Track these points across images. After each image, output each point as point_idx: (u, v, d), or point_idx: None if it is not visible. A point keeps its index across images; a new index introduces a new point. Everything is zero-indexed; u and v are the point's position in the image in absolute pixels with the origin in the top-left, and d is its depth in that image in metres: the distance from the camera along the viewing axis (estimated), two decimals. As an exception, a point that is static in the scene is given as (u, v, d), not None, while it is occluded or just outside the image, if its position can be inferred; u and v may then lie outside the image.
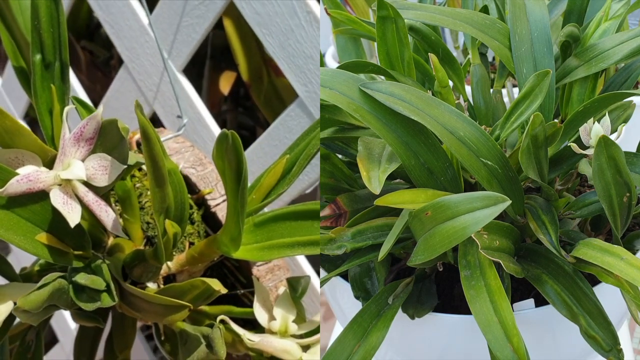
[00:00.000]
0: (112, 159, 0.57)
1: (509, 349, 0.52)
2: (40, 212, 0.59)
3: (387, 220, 0.61)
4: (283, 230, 0.63)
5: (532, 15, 0.66)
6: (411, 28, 0.71)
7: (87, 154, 0.58)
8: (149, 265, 0.64)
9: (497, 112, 0.71)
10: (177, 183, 0.64)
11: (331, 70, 0.59)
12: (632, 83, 0.68)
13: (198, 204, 0.78)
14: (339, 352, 0.59)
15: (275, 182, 0.65)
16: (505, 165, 0.58)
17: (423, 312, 0.62)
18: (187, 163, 0.79)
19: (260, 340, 0.64)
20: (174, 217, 0.63)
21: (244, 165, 0.58)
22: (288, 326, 0.66)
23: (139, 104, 0.56)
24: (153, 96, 0.91)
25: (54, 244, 0.60)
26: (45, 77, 0.67)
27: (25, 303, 0.55)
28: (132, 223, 0.67)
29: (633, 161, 0.60)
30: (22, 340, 0.69)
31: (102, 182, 0.58)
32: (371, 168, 0.58)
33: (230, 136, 0.57)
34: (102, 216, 0.59)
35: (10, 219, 0.57)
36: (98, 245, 0.66)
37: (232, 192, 0.61)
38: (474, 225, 0.51)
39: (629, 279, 0.52)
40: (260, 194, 0.65)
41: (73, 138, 0.57)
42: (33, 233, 0.58)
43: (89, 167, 0.57)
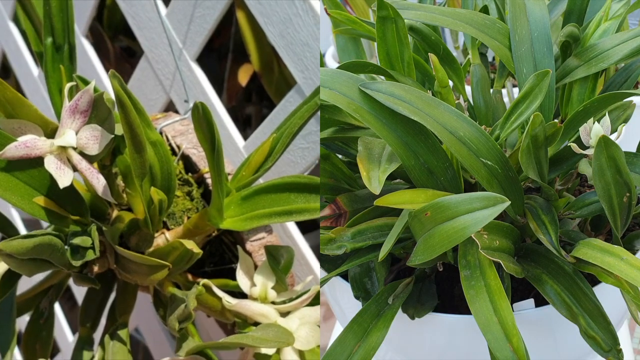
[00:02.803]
0: (102, 130, 0.62)
1: (509, 349, 0.52)
2: (38, 177, 0.63)
3: (387, 220, 0.61)
4: (264, 202, 0.68)
5: (532, 15, 0.66)
6: (411, 28, 0.71)
7: (82, 125, 0.62)
8: (143, 234, 0.68)
9: (497, 112, 0.71)
10: (163, 154, 0.67)
11: (331, 70, 0.59)
12: (632, 83, 0.68)
13: (198, 183, 0.82)
14: (339, 352, 0.59)
15: (263, 160, 0.70)
16: (505, 165, 0.58)
17: (423, 312, 0.62)
18: (189, 144, 0.83)
19: (237, 302, 0.67)
20: (160, 186, 0.67)
21: (216, 134, 0.63)
22: (267, 293, 0.69)
23: (114, 73, 0.59)
24: (169, 84, 0.96)
25: (52, 208, 0.64)
26: (55, 59, 0.71)
27: (7, 247, 0.58)
28: (133, 197, 0.69)
29: (633, 161, 0.60)
30: (36, 308, 0.74)
31: (93, 151, 0.62)
32: (371, 168, 0.58)
33: (200, 107, 0.62)
34: (93, 182, 0.63)
35: (9, 180, 0.61)
36: (102, 217, 0.70)
37: (210, 162, 0.66)
38: (474, 225, 0.51)
39: (629, 279, 0.52)
40: (249, 171, 0.70)
41: (69, 110, 0.61)
42: (31, 195, 0.63)
43: (82, 137, 0.61)
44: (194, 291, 0.65)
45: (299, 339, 0.65)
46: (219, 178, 0.66)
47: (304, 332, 0.65)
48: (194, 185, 0.82)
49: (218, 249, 0.81)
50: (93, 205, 0.68)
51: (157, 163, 0.67)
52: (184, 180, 0.81)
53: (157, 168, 0.67)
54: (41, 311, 0.74)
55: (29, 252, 0.59)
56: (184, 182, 0.81)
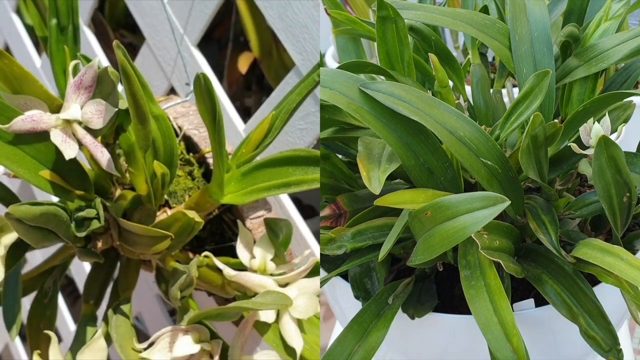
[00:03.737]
0: (107, 104, 0.63)
1: (509, 349, 0.52)
2: (44, 151, 0.64)
3: (387, 220, 0.61)
4: (264, 176, 0.69)
5: (532, 15, 0.66)
6: (411, 28, 0.71)
7: (87, 100, 0.63)
8: (145, 209, 0.70)
9: (497, 112, 0.71)
10: (165, 129, 0.68)
11: (331, 70, 0.59)
12: (632, 83, 0.68)
13: (199, 163, 0.84)
14: (339, 352, 0.59)
15: (263, 137, 0.71)
16: (505, 165, 0.58)
17: (423, 312, 0.62)
18: (190, 125, 0.85)
19: (237, 273, 0.68)
20: (163, 160, 0.68)
21: (217, 106, 0.64)
22: (266, 264, 0.70)
23: (118, 44, 0.60)
24: (171, 70, 0.97)
25: (57, 182, 0.65)
26: (59, 40, 0.73)
27: (15, 211, 0.59)
28: (136, 176, 0.70)
29: (633, 161, 0.60)
30: (41, 288, 0.76)
31: (98, 125, 0.63)
32: (371, 168, 0.58)
33: (202, 78, 0.63)
34: (97, 155, 0.64)
35: (16, 153, 0.63)
36: (105, 195, 0.71)
37: (212, 135, 0.67)
38: (474, 225, 0.51)
39: (629, 279, 0.52)
40: (249, 148, 0.71)
41: (74, 85, 0.62)
42: (37, 169, 0.64)
43: (86, 112, 0.62)
44: (195, 261, 0.66)
45: (297, 308, 0.66)
46: (220, 151, 0.67)
47: (302, 301, 0.66)
48: (195, 165, 0.83)
49: (219, 227, 0.83)
50: (97, 184, 0.70)
51: (160, 137, 0.68)
52: (186, 160, 0.83)
53: (160, 142, 0.68)
54: (45, 291, 0.76)
55: (36, 219, 0.61)
56: (185, 162, 0.83)
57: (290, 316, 0.66)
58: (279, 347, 0.66)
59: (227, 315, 0.64)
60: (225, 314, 0.64)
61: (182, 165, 0.83)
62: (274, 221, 0.72)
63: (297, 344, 0.65)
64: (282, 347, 0.66)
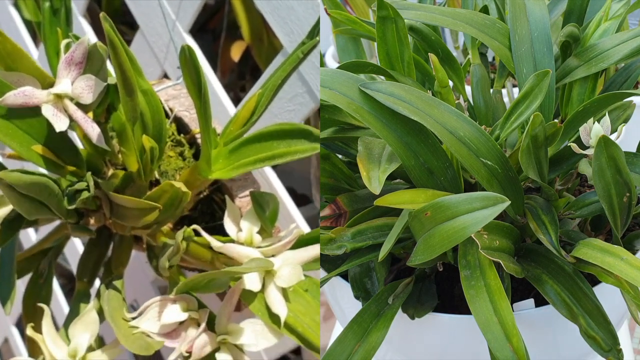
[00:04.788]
0: (96, 79, 0.64)
1: (509, 349, 0.52)
2: (36, 126, 0.66)
3: (387, 220, 0.61)
4: (250, 151, 0.71)
5: (532, 15, 0.66)
6: (411, 28, 0.71)
7: (77, 76, 0.65)
8: (137, 186, 0.71)
9: (497, 112, 0.71)
10: (153, 104, 0.69)
11: (331, 70, 0.59)
12: (632, 83, 0.68)
13: (190, 143, 0.86)
14: (339, 352, 0.59)
15: (250, 115, 0.72)
16: (505, 165, 0.58)
17: (423, 312, 0.62)
18: (182, 107, 0.87)
19: (224, 245, 0.69)
20: (152, 135, 0.69)
21: (202, 78, 0.66)
22: (253, 237, 0.72)
23: (105, 16, 0.61)
24: (164, 57, 0.99)
25: (49, 156, 0.66)
26: (53, 22, 0.74)
27: (6, 176, 0.60)
28: (128, 156, 0.71)
29: (633, 161, 0.60)
30: (36, 269, 0.77)
31: (88, 100, 0.64)
32: (371, 168, 0.58)
33: (187, 50, 0.65)
34: (88, 130, 0.65)
35: (8, 127, 0.64)
36: (98, 174, 0.72)
37: (198, 109, 0.68)
38: (474, 225, 0.51)
39: (629, 279, 0.52)
40: (237, 126, 0.72)
41: (65, 62, 0.64)
42: (29, 143, 0.66)
43: (77, 87, 0.64)
44: (181, 231, 0.68)
45: (282, 277, 0.67)
46: (207, 125, 0.69)
47: (285, 271, 0.68)
48: (185, 145, 0.85)
49: (209, 207, 0.85)
50: (90, 164, 0.71)
51: (148, 111, 0.69)
52: (177, 141, 0.85)
53: (149, 117, 0.69)
54: (40, 272, 0.77)
55: (28, 188, 0.62)
56: (176, 143, 0.85)
57: (275, 285, 0.67)
58: (264, 315, 0.67)
59: (214, 285, 0.66)
60: (213, 284, 0.65)
61: (173, 147, 0.84)
62: (260, 194, 0.74)
63: (281, 311, 0.66)
64: (267, 315, 0.67)
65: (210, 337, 0.65)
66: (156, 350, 0.64)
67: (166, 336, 0.65)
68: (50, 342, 0.67)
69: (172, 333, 0.66)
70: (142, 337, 0.65)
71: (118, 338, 0.65)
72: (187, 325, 0.66)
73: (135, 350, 0.64)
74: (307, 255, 0.69)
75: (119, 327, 0.66)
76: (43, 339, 0.67)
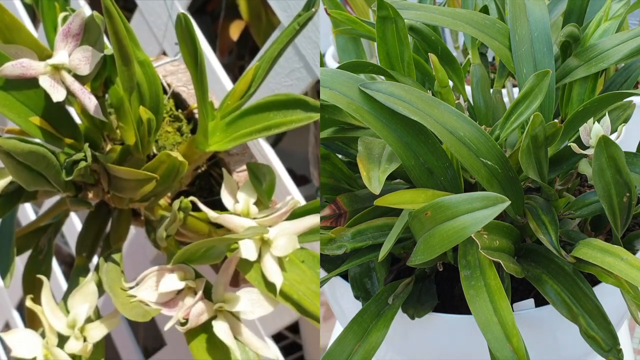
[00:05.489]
0: (93, 49, 0.65)
1: (509, 349, 0.52)
2: (34, 97, 0.66)
3: (387, 220, 0.61)
4: (246, 123, 0.71)
5: (532, 15, 0.66)
6: (411, 28, 0.71)
7: (75, 48, 0.65)
8: (134, 159, 0.71)
9: (497, 112, 0.71)
10: (150, 75, 0.70)
11: (331, 70, 0.59)
12: (632, 83, 0.68)
13: (188, 119, 0.86)
14: (339, 352, 0.59)
15: (247, 88, 0.72)
16: (505, 165, 0.58)
17: (423, 312, 0.62)
18: (179, 82, 0.87)
19: (220, 215, 0.70)
20: (149, 107, 0.69)
21: (198, 47, 0.66)
22: (249, 208, 0.73)
23: None
24: (162, 35, 1.00)
25: (47, 128, 0.67)
26: None
27: (4, 143, 0.60)
28: (126, 131, 0.71)
29: (633, 161, 0.60)
30: (36, 246, 0.78)
31: (85, 71, 0.65)
32: (371, 168, 0.58)
33: (182, 19, 0.65)
34: (85, 101, 0.66)
35: (6, 98, 0.65)
36: (96, 149, 0.72)
37: (194, 79, 0.68)
38: (474, 225, 0.51)
39: (629, 279, 0.52)
40: (234, 99, 0.72)
41: (62, 34, 0.65)
42: (27, 115, 0.66)
43: (74, 59, 0.65)
44: (178, 201, 0.68)
45: (278, 247, 0.68)
46: (204, 97, 0.69)
47: (281, 241, 0.68)
48: (183, 121, 0.86)
49: (207, 183, 0.85)
50: (88, 138, 0.71)
51: (145, 82, 0.69)
52: (174, 116, 0.85)
53: (145, 88, 0.69)
54: (40, 248, 0.78)
55: (25, 156, 0.62)
56: (174, 119, 0.85)
57: (271, 255, 0.68)
58: (260, 284, 0.68)
59: (211, 254, 0.66)
60: (209, 254, 0.66)
61: (171, 122, 0.85)
62: (256, 165, 0.75)
63: (277, 279, 0.67)
64: (263, 284, 0.68)
65: (207, 305, 0.66)
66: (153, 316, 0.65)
67: (163, 305, 0.66)
68: (49, 313, 0.67)
69: (170, 302, 0.66)
70: (139, 306, 0.65)
71: (116, 306, 0.65)
72: (184, 295, 0.66)
73: (133, 317, 0.64)
74: (303, 226, 0.69)
75: (117, 297, 0.66)
76: (42, 310, 0.67)
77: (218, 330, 0.64)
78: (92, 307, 0.68)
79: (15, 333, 0.66)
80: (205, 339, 0.66)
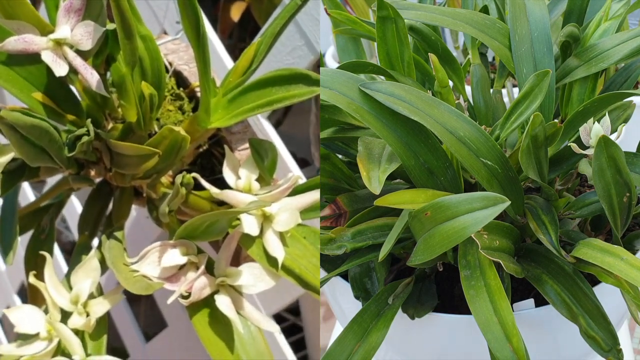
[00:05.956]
0: (95, 24, 0.65)
1: (509, 349, 0.52)
2: (36, 73, 0.66)
3: (387, 220, 0.61)
4: (249, 99, 0.71)
5: (532, 15, 0.66)
6: (411, 28, 0.71)
7: (77, 23, 0.65)
8: (136, 136, 0.71)
9: (497, 112, 0.71)
10: (152, 50, 0.70)
11: (331, 70, 0.59)
12: (632, 83, 0.68)
13: (190, 97, 0.86)
14: (339, 352, 0.59)
15: (249, 64, 0.72)
16: (505, 165, 0.58)
17: (423, 312, 0.62)
18: (181, 60, 0.87)
19: (222, 192, 0.70)
20: (151, 82, 0.70)
21: (200, 20, 0.66)
22: (251, 184, 0.73)
23: None
24: (163, 15, 1.00)
25: (49, 104, 0.67)
26: None
27: (7, 115, 0.60)
28: (128, 109, 0.71)
29: (633, 161, 0.60)
30: (38, 226, 0.78)
31: (87, 46, 0.65)
32: (371, 168, 0.58)
33: None
34: (87, 76, 0.66)
35: (8, 73, 0.65)
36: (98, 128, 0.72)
37: (197, 54, 0.68)
38: (474, 225, 0.51)
39: (629, 279, 0.52)
40: (236, 76, 0.72)
41: (64, 9, 0.65)
42: (30, 90, 0.66)
43: (76, 34, 0.65)
44: (180, 176, 0.68)
45: (279, 222, 0.68)
46: (206, 72, 0.69)
47: (283, 216, 0.68)
48: (185, 99, 0.86)
49: (209, 162, 0.86)
50: (89, 116, 0.71)
51: (147, 57, 0.69)
52: (176, 95, 0.85)
53: (147, 62, 0.70)
54: (42, 228, 0.78)
55: (28, 129, 0.62)
56: (175, 97, 0.85)
57: (273, 230, 0.68)
58: (262, 259, 0.68)
59: (213, 230, 0.66)
60: (212, 229, 0.66)
61: (172, 100, 0.85)
62: (259, 141, 0.75)
63: (279, 254, 0.67)
64: (265, 259, 0.68)
65: (209, 280, 0.66)
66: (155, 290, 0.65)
67: (166, 280, 0.66)
68: (52, 289, 0.67)
69: (172, 277, 0.67)
70: (142, 280, 0.66)
71: (119, 281, 0.65)
72: (187, 270, 0.67)
73: (136, 290, 0.64)
74: (304, 201, 0.69)
75: (120, 272, 0.66)
76: (45, 286, 0.67)
77: (220, 304, 0.65)
78: (95, 283, 0.69)
79: (18, 309, 0.66)
80: (207, 314, 0.67)
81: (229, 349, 0.66)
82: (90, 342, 0.68)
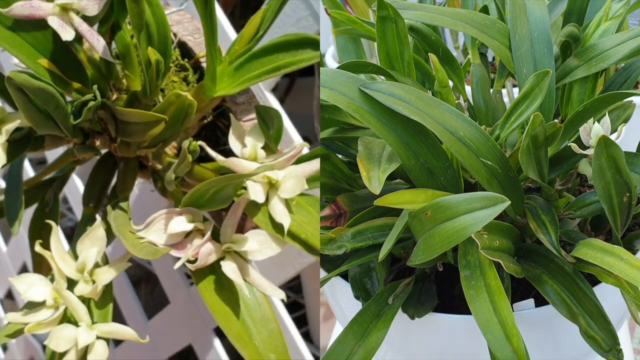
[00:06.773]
0: None
1: (509, 349, 0.52)
2: (42, 40, 0.66)
3: (387, 220, 0.61)
4: (254, 66, 0.71)
5: (532, 15, 0.66)
6: (411, 28, 0.71)
7: None
8: (141, 105, 0.71)
9: (497, 112, 0.71)
10: (159, 16, 0.69)
11: (331, 70, 0.59)
12: (632, 83, 0.68)
13: (194, 68, 0.86)
14: (339, 352, 0.59)
15: (255, 32, 0.71)
16: (505, 165, 0.58)
17: (423, 312, 0.62)
18: (185, 31, 0.87)
19: (228, 159, 0.70)
20: (157, 48, 0.69)
21: None
22: (257, 152, 0.73)
23: None
24: None
25: (55, 71, 0.67)
26: None
27: (15, 76, 0.60)
28: (132, 80, 0.71)
29: (633, 161, 0.60)
30: (42, 199, 0.79)
31: (93, 11, 0.66)
32: (371, 168, 0.58)
33: None
34: (93, 42, 0.66)
35: (15, 39, 0.65)
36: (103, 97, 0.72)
37: (204, 21, 0.67)
38: (474, 225, 0.51)
39: (629, 279, 0.52)
40: (242, 45, 0.72)
41: None
42: (35, 57, 0.66)
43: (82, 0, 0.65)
44: (187, 141, 0.68)
45: (285, 189, 0.68)
46: (212, 38, 0.68)
47: (289, 184, 0.68)
48: (189, 70, 0.86)
49: (213, 134, 0.85)
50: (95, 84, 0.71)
51: (154, 23, 0.69)
52: (181, 65, 0.85)
53: (154, 28, 0.69)
54: (46, 202, 0.78)
55: (35, 92, 0.62)
56: (180, 68, 0.85)
57: (279, 197, 0.68)
58: (268, 226, 0.68)
59: (219, 198, 0.66)
60: (218, 197, 0.66)
61: (177, 72, 0.85)
62: (265, 109, 0.74)
63: (285, 221, 0.67)
64: (270, 226, 0.68)
65: (215, 246, 0.67)
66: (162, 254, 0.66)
67: (172, 247, 0.66)
68: (58, 257, 0.67)
69: (178, 244, 0.67)
70: (149, 246, 0.66)
71: (126, 247, 0.66)
72: (193, 237, 0.67)
73: (143, 255, 0.64)
74: (309, 169, 0.69)
75: (126, 239, 0.66)
76: (51, 254, 0.67)
77: (227, 270, 0.65)
78: (101, 252, 0.69)
79: (24, 277, 0.66)
80: (213, 280, 0.67)
81: (235, 314, 0.67)
82: (96, 310, 0.68)
